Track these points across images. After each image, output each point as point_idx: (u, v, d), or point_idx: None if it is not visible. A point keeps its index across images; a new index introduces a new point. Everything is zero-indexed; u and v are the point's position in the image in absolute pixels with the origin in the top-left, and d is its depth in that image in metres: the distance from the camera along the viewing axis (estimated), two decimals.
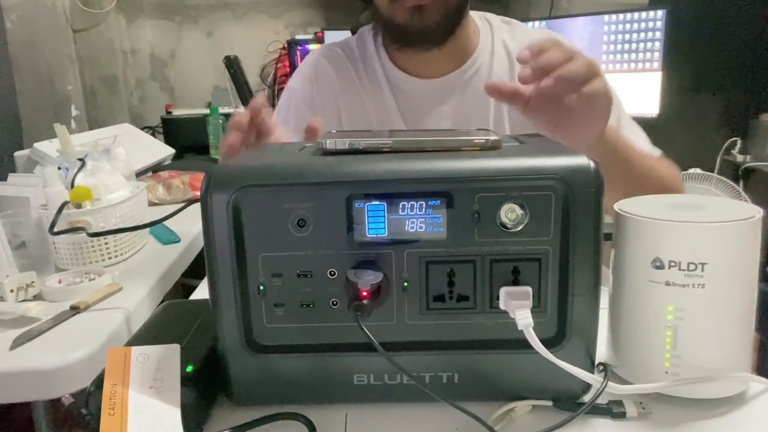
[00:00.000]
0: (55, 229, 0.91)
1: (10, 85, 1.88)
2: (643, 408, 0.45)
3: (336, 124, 0.91)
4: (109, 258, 0.99)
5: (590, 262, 0.43)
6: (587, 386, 0.46)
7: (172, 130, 2.34)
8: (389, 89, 0.89)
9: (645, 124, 0.87)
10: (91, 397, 0.44)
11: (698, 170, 1.92)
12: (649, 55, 2.16)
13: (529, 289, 0.43)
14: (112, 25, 2.74)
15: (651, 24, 2.14)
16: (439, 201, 0.43)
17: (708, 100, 2.44)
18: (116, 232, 0.95)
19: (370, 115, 0.89)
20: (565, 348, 0.44)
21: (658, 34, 2.13)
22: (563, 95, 0.60)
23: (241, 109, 2.29)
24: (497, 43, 0.89)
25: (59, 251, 0.96)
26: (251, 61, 2.75)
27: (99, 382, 0.43)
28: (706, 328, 0.45)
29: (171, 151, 1.99)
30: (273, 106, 0.87)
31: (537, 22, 2.32)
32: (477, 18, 0.92)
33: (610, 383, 0.44)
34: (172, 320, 0.55)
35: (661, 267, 0.45)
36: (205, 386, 0.46)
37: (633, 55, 2.19)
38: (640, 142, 0.84)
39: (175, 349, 0.45)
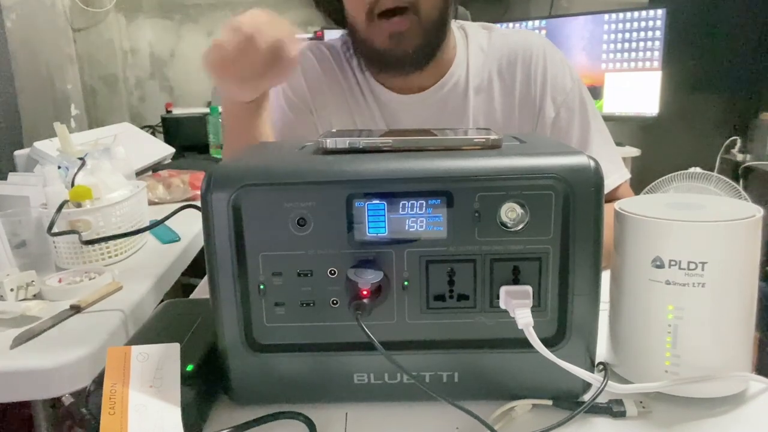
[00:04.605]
0: (55, 229, 0.91)
1: (10, 85, 1.88)
2: (643, 407, 0.45)
3: (316, 119, 0.89)
4: (109, 257, 0.99)
5: (590, 261, 0.43)
6: (587, 385, 0.46)
7: (171, 129, 2.34)
8: (372, 98, 0.88)
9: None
10: (90, 396, 0.44)
11: (698, 169, 1.92)
12: (648, 54, 2.16)
13: (529, 289, 0.43)
14: (112, 24, 2.74)
15: (651, 23, 2.14)
16: (439, 200, 0.43)
17: (708, 99, 2.44)
18: (111, 238, 0.94)
19: (354, 118, 0.89)
20: (565, 347, 0.44)
21: (658, 33, 2.13)
22: None
23: None
24: (473, 52, 0.88)
25: (59, 250, 0.96)
26: None
27: (99, 381, 0.43)
28: (706, 327, 0.45)
29: (171, 150, 1.99)
30: None
31: (537, 21, 2.33)
32: (455, 28, 0.90)
33: (610, 382, 0.44)
34: (172, 319, 0.55)
35: (661, 266, 0.45)
36: (205, 385, 0.46)
37: (633, 54, 2.19)
38: (607, 168, 0.80)
39: (175, 348, 0.45)
